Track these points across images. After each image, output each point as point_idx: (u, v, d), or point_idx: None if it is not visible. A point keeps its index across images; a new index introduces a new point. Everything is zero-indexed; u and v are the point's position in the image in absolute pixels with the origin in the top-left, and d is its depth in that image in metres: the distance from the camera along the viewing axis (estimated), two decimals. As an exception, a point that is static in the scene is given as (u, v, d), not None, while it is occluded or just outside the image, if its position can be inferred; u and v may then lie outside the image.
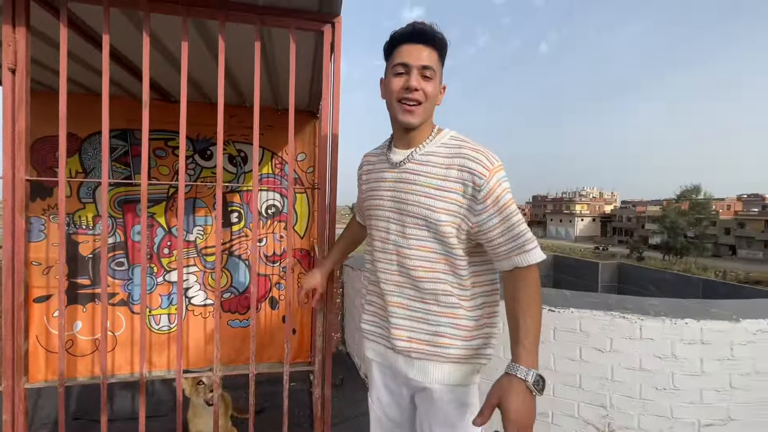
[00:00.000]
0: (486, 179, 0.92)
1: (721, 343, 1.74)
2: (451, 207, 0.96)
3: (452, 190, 0.96)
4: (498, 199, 0.93)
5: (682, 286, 2.84)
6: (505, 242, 0.94)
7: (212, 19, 1.43)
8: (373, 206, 1.12)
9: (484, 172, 0.92)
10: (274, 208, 3.04)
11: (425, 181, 0.99)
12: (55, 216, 2.60)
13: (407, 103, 0.99)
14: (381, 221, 1.09)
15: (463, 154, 0.96)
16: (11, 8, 1.26)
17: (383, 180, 1.09)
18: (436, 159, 1.00)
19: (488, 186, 0.92)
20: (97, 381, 2.16)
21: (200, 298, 2.88)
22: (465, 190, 0.95)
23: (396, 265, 1.06)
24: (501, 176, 0.94)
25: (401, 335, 1.06)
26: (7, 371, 1.30)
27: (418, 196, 0.99)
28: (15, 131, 1.28)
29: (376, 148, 1.21)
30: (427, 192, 0.98)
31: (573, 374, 1.90)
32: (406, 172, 1.03)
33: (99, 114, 2.45)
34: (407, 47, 0.98)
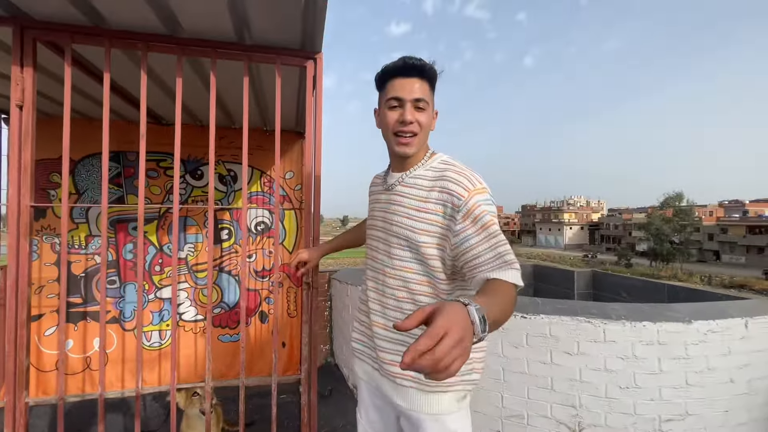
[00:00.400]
0: (464, 200, 0.92)
1: (676, 343, 1.90)
2: (432, 228, 0.97)
3: (432, 211, 0.97)
4: (477, 218, 0.92)
5: (650, 292, 3.00)
6: (485, 257, 0.90)
7: (204, 57, 1.57)
8: (369, 226, 1.18)
9: (462, 193, 0.93)
10: (263, 224, 3.14)
11: (409, 202, 1.02)
12: (48, 236, 2.67)
13: (403, 136, 1.02)
14: (373, 240, 1.14)
15: (446, 177, 0.97)
16: (20, 50, 1.39)
17: (378, 201, 1.14)
18: (421, 182, 1.02)
19: (466, 207, 0.92)
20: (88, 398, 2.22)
21: (191, 314, 2.95)
22: (444, 211, 0.96)
23: (381, 285, 1.09)
24: (481, 198, 0.93)
25: (385, 358, 1.06)
26: (9, 386, 1.38)
27: (401, 217, 1.02)
28: (21, 162, 1.39)
29: (383, 170, 1.25)
30: (409, 213, 1.01)
31: (545, 377, 2.03)
32: (395, 194, 1.07)
33: (92, 137, 2.58)
34: (399, 81, 1.01)
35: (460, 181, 0.95)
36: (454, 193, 0.94)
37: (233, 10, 1.35)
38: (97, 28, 1.45)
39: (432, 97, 1.05)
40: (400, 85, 1.01)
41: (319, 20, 1.45)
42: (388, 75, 1.03)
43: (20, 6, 1.33)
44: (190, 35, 1.52)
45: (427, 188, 1.00)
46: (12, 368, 1.38)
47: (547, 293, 3.98)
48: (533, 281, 4.42)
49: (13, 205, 1.39)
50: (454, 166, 1.01)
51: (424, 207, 0.99)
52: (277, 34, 1.53)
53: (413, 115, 1.01)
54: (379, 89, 1.08)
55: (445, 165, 1.02)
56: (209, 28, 1.48)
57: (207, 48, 1.55)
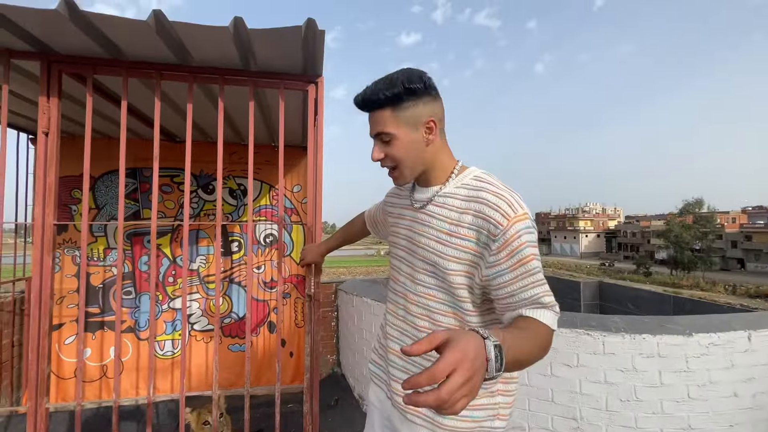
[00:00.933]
0: (503, 229, 0.81)
1: (677, 356, 1.89)
2: (463, 255, 0.87)
3: (465, 237, 0.86)
4: (514, 252, 0.81)
5: (656, 303, 2.95)
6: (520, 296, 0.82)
7: (213, 84, 1.68)
8: (392, 243, 1.09)
9: (501, 221, 0.81)
10: (271, 237, 3.25)
11: (438, 224, 0.91)
12: (69, 249, 2.82)
13: (388, 172, 0.97)
14: (396, 260, 1.05)
15: (482, 199, 0.86)
16: (47, 82, 1.52)
17: (403, 218, 1.04)
18: (452, 201, 0.91)
19: (504, 237, 0.81)
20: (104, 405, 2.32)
21: (202, 324, 3.06)
22: (479, 238, 0.85)
23: (402, 310, 1.01)
24: (522, 227, 0.81)
25: (398, 389, 0.98)
26: (31, 393, 1.49)
27: (429, 239, 0.92)
28: (46, 183, 1.51)
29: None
30: (438, 237, 0.90)
31: (545, 388, 2.04)
32: (423, 213, 0.96)
33: (110, 155, 2.74)
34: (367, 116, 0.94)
35: (498, 205, 0.83)
36: (491, 219, 0.82)
37: (238, 42, 1.45)
38: (116, 60, 1.58)
39: (399, 121, 0.89)
40: (368, 120, 0.94)
41: (318, 48, 1.54)
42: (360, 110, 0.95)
43: (48, 42, 1.46)
44: (199, 64, 1.64)
45: (459, 210, 0.89)
46: (34, 376, 1.49)
47: (554, 304, 3.95)
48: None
49: (38, 223, 1.51)
50: (491, 184, 0.88)
51: (456, 231, 0.88)
52: (280, 61, 1.64)
53: (378, 152, 0.93)
54: None
55: (480, 183, 0.90)
56: (217, 57, 1.59)
57: (215, 75, 1.66)
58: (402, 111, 0.89)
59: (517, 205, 0.83)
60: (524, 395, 2.09)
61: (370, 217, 1.36)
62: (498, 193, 0.85)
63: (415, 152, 0.92)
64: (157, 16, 1.28)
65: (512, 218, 0.81)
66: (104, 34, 1.40)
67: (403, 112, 0.89)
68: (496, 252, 0.82)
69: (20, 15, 1.27)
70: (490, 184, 0.89)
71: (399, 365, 0.99)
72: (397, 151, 0.91)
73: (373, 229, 1.36)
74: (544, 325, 0.79)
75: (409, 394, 0.53)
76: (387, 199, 1.19)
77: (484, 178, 0.92)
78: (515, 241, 0.81)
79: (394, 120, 0.89)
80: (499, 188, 0.87)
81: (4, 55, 1.48)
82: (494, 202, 0.84)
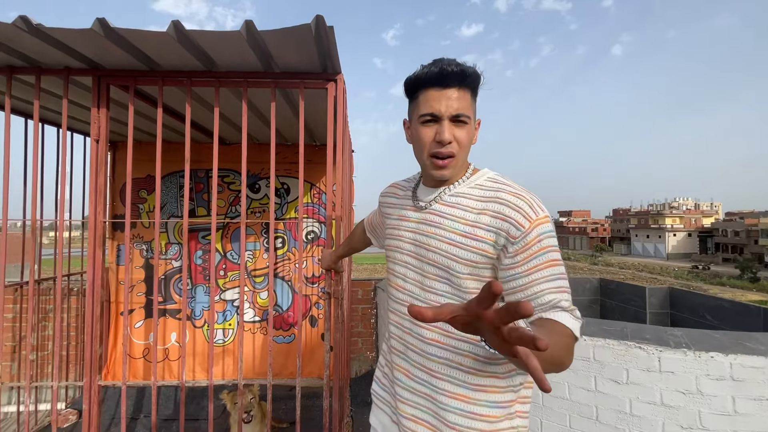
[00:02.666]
0: (524, 231, 0.76)
1: (758, 381, 1.57)
2: (479, 259, 0.80)
3: (482, 239, 0.80)
4: (532, 256, 0.75)
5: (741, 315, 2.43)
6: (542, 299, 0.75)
7: (237, 87, 1.76)
8: (392, 247, 0.98)
9: (523, 223, 0.76)
10: (313, 234, 3.35)
11: (451, 225, 0.84)
12: (138, 243, 3.18)
13: (439, 158, 0.85)
14: (398, 266, 0.95)
15: (501, 199, 0.80)
16: (97, 94, 1.70)
17: (406, 219, 0.95)
18: (467, 202, 0.85)
19: (525, 240, 0.76)
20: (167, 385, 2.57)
21: (249, 315, 3.25)
22: (497, 240, 0.79)
23: (408, 321, 0.90)
24: (543, 230, 0.77)
25: (405, 411, 0.89)
26: (86, 369, 1.69)
27: (441, 242, 0.85)
28: (97, 185, 1.70)
29: (405, 179, 1.08)
30: (452, 239, 0.83)
31: (588, 405, 1.83)
32: (431, 213, 0.89)
33: (171, 158, 2.99)
34: (435, 93, 0.83)
35: (519, 206, 0.78)
36: (513, 220, 0.77)
37: (253, 44, 1.49)
38: (153, 71, 1.71)
39: (474, 108, 0.86)
40: (436, 97, 0.82)
41: (332, 45, 1.53)
42: (421, 84, 0.85)
43: (98, 61, 1.64)
44: (225, 69, 1.72)
45: (475, 210, 0.83)
46: (89, 356, 1.68)
47: (615, 311, 3.52)
48: (599, 297, 3.96)
49: (91, 220, 1.70)
50: (508, 185, 0.83)
51: (472, 233, 0.81)
52: (297, 61, 1.66)
53: (452, 133, 0.83)
54: (410, 99, 0.90)
55: (497, 183, 0.85)
56: (239, 63, 1.66)
57: (239, 79, 1.73)
58: (475, 99, 0.87)
59: (537, 207, 0.79)
60: (565, 410, 1.90)
61: (369, 225, 1.29)
62: (518, 194, 0.81)
63: (470, 146, 0.88)
64: (176, 26, 1.36)
65: (534, 220, 0.77)
66: (138, 48, 1.53)
67: (475, 100, 0.87)
68: (513, 255, 0.77)
69: (68, 36, 1.43)
70: (507, 185, 0.84)
71: (407, 385, 0.89)
72: (466, 137, 0.85)
73: (373, 236, 1.28)
74: (564, 326, 0.71)
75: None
76: (383, 199, 1.11)
77: (500, 179, 0.87)
78: (535, 244, 0.76)
79: (471, 106, 0.85)
80: (518, 189, 0.82)
81: (64, 72, 1.69)
82: (515, 203, 0.79)
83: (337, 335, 1.89)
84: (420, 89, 0.85)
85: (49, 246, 2.77)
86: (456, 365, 0.82)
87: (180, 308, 3.18)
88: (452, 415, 0.82)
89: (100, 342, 1.71)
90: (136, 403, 2.89)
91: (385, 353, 1.02)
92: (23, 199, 2.31)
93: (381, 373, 1.04)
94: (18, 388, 2.38)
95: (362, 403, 2.97)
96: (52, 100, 2.04)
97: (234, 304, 3.25)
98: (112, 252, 3.05)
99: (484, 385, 0.82)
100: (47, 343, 2.98)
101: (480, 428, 0.80)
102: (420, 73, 0.84)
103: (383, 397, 1.00)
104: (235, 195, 3.26)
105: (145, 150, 3.02)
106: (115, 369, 3.13)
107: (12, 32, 1.39)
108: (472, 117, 0.85)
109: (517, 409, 0.84)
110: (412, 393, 0.88)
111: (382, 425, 1.00)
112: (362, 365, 3.41)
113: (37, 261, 2.20)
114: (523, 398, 0.85)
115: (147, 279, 3.16)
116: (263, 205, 3.30)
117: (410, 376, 0.89)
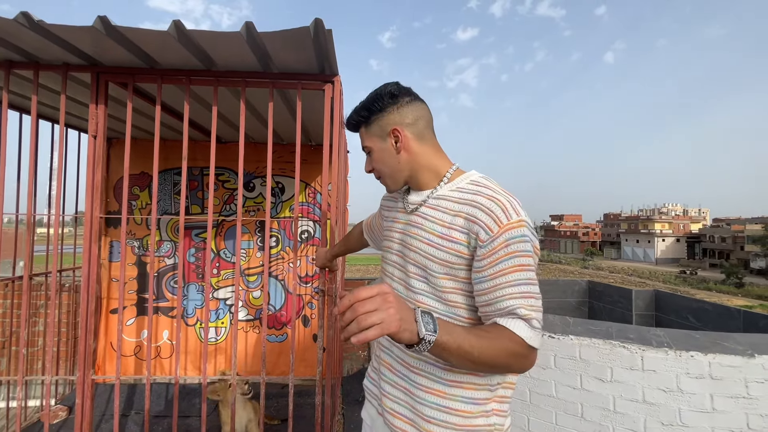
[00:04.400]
0: (492, 235, 0.77)
1: (734, 379, 1.63)
2: (453, 259, 0.83)
3: (456, 240, 0.83)
4: (498, 260, 0.77)
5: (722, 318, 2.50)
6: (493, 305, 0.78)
7: (235, 86, 1.78)
8: (385, 248, 1.05)
9: (492, 227, 0.78)
10: (306, 233, 3.37)
11: (430, 227, 0.88)
12: (130, 240, 3.17)
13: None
14: (389, 265, 1.02)
15: (476, 203, 0.83)
16: (95, 91, 1.72)
17: (396, 221, 1.02)
18: (446, 204, 0.88)
19: (492, 244, 0.77)
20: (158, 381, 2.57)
21: (242, 314, 3.26)
22: (469, 242, 0.81)
23: None
24: (513, 235, 0.77)
25: (387, 405, 0.93)
26: (80, 365, 1.69)
27: (420, 242, 0.89)
28: (94, 180, 1.71)
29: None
30: (430, 239, 0.87)
31: (574, 402, 1.88)
32: (416, 215, 0.94)
33: (165, 156, 3.00)
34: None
35: (491, 210, 0.79)
36: (483, 224, 0.79)
37: (253, 45, 1.52)
38: (152, 69, 1.73)
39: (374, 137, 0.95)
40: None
41: (330, 47, 1.56)
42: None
43: (97, 57, 1.65)
44: (223, 68, 1.75)
45: (452, 212, 0.86)
46: (83, 350, 1.69)
47: (602, 313, 3.60)
48: (587, 299, 4.04)
49: (87, 216, 1.71)
50: (487, 188, 0.85)
51: (447, 234, 0.84)
52: (295, 62, 1.69)
53: (368, 164, 1.00)
54: None
55: (476, 187, 0.87)
56: (238, 63, 1.68)
57: (237, 78, 1.76)
58: (370, 126, 0.95)
59: (512, 211, 0.79)
60: (551, 408, 1.95)
61: (367, 227, 1.33)
62: (494, 198, 0.82)
63: (389, 160, 0.95)
64: (177, 25, 1.39)
65: (504, 225, 0.77)
66: (137, 46, 1.55)
67: (370, 127, 0.95)
68: (481, 258, 0.79)
69: (69, 33, 1.45)
70: (487, 188, 0.85)
71: (389, 379, 0.94)
72: (376, 162, 0.97)
73: (370, 238, 1.32)
74: (512, 333, 0.72)
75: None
76: (383, 203, 1.17)
77: (482, 182, 0.88)
78: (502, 249, 0.77)
79: (367, 135, 0.97)
80: (496, 192, 0.83)
81: (63, 69, 1.70)
82: (488, 207, 0.80)
83: (330, 333, 1.92)
84: None
85: (39, 242, 2.76)
86: (433, 362, 0.85)
87: (172, 306, 3.17)
88: (428, 409, 0.85)
89: (94, 337, 1.72)
90: (126, 399, 2.88)
91: (375, 350, 1.07)
92: (17, 194, 2.30)
93: (372, 369, 1.09)
94: (8, 383, 2.36)
95: (353, 401, 3.00)
96: (49, 95, 2.04)
97: (227, 302, 3.25)
98: (104, 248, 3.04)
99: (460, 381, 0.85)
100: (37, 339, 2.95)
101: (454, 423, 0.83)
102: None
103: (372, 392, 1.04)
104: (229, 193, 3.27)
105: (139, 147, 3.01)
106: (105, 366, 3.12)
107: (13, 27, 1.40)
108: (374, 144, 0.96)
109: (494, 407, 0.86)
110: (393, 387, 0.92)
111: (370, 418, 1.04)
112: (354, 364, 3.44)
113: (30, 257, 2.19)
114: (500, 397, 0.88)
115: (138, 276, 3.15)
116: (258, 203, 3.32)
117: (392, 370, 0.93)
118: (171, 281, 3.18)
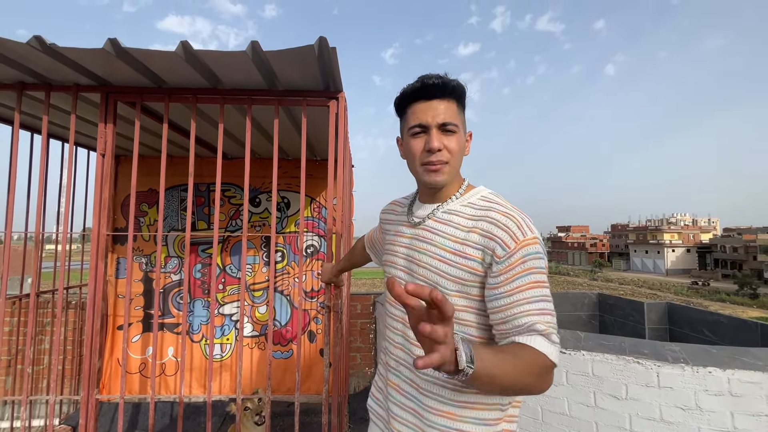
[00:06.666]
0: (509, 252, 0.76)
1: (755, 396, 1.57)
2: (467, 276, 0.81)
3: (470, 256, 0.81)
4: (514, 277, 0.76)
5: (739, 331, 2.42)
6: (510, 323, 0.75)
7: (242, 104, 1.81)
8: (388, 262, 1.00)
9: (509, 243, 0.77)
10: (312, 247, 3.36)
11: (442, 242, 0.86)
12: (138, 256, 3.18)
13: (431, 166, 0.87)
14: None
15: (490, 218, 0.81)
16: (104, 110, 1.75)
17: (401, 235, 0.98)
18: (458, 219, 0.86)
19: (509, 260, 0.76)
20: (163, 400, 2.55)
21: (248, 330, 3.23)
22: (484, 258, 0.80)
23: (400, 337, 0.92)
24: (529, 252, 0.76)
25: (396, 428, 0.90)
26: (84, 383, 1.68)
27: (431, 258, 0.86)
28: (102, 198, 1.72)
29: (403, 197, 1.11)
30: (441, 255, 0.85)
31: (588, 421, 1.82)
32: (424, 229, 0.91)
33: (172, 172, 3.03)
34: (421, 105, 0.86)
35: (507, 226, 0.79)
36: (499, 240, 0.78)
37: (260, 66, 1.55)
38: (159, 88, 1.76)
39: (461, 118, 0.89)
40: (422, 109, 0.86)
41: (334, 65, 1.58)
42: (407, 99, 0.89)
43: (106, 78, 1.69)
44: (229, 86, 1.77)
45: (465, 228, 0.84)
46: (87, 369, 1.68)
47: (614, 327, 3.51)
48: (598, 312, 3.96)
49: (95, 233, 1.72)
50: (499, 204, 0.84)
51: (461, 251, 0.82)
52: (300, 79, 1.71)
53: (440, 141, 0.85)
54: (400, 116, 0.93)
55: (488, 203, 0.86)
56: (244, 81, 1.71)
57: (243, 96, 1.78)
58: (462, 110, 0.90)
59: (526, 228, 0.79)
60: (564, 427, 1.89)
61: (368, 241, 1.32)
62: (508, 214, 0.81)
63: (461, 154, 0.90)
64: (184, 46, 1.42)
65: (521, 241, 0.77)
66: (146, 66, 1.58)
67: (462, 111, 0.90)
68: (497, 275, 0.77)
69: (80, 55, 1.48)
70: (499, 204, 0.85)
71: (398, 400, 0.90)
72: (456, 144, 0.87)
73: (372, 252, 1.30)
74: (534, 350, 0.71)
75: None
76: (383, 216, 1.14)
77: (492, 198, 0.88)
78: (519, 265, 0.76)
79: (458, 115, 0.88)
80: (509, 209, 0.83)
81: (73, 89, 1.74)
82: (503, 223, 0.80)
83: (337, 349, 1.89)
84: (407, 105, 0.89)
85: (47, 259, 2.78)
86: (442, 383, 0.83)
87: (177, 322, 3.16)
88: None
89: (99, 356, 1.71)
90: (131, 418, 2.85)
91: (381, 369, 1.03)
92: (26, 211, 2.33)
93: (376, 389, 1.05)
94: (12, 402, 2.34)
95: (360, 420, 2.93)
96: (59, 115, 2.08)
97: (232, 318, 3.23)
98: (111, 265, 3.05)
99: (471, 402, 0.82)
100: (42, 357, 2.95)
101: None
102: (406, 90, 0.89)
103: (377, 412, 1.01)
104: (235, 209, 3.29)
105: (146, 164, 3.06)
106: (111, 384, 3.09)
107: (26, 51, 1.44)
108: (460, 126, 0.87)
109: (504, 428, 0.84)
110: (401, 408, 0.89)
111: None
112: (360, 381, 3.38)
113: (38, 274, 2.20)
114: (510, 417, 0.86)
115: (145, 293, 3.15)
116: (263, 218, 3.32)
117: (401, 391, 0.90)
118: (177, 297, 3.18)
